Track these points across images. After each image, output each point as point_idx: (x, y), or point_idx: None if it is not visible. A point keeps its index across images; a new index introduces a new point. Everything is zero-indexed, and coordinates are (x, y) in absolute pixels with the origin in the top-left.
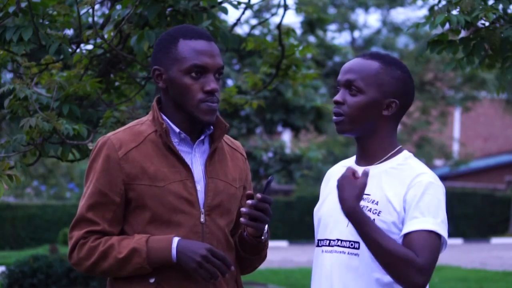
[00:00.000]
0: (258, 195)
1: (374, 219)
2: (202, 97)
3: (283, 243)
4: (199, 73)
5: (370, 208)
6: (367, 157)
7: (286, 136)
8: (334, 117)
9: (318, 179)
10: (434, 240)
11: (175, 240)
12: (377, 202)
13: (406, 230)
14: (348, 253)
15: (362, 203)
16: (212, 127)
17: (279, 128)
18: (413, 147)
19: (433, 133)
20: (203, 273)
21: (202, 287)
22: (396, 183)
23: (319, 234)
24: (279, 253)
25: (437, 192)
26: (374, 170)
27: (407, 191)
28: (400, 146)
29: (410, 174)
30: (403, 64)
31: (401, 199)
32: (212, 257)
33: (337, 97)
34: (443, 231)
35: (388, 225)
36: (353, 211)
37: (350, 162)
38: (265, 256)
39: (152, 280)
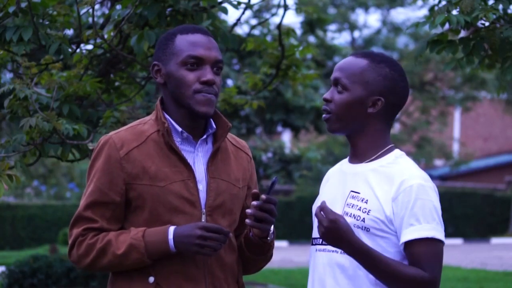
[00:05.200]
0: (263, 196)
1: (364, 218)
2: (198, 87)
3: (283, 243)
4: (195, 64)
5: (360, 207)
6: (358, 155)
7: (286, 136)
8: (323, 115)
9: (318, 179)
10: (436, 247)
11: (171, 230)
12: (367, 200)
13: (405, 238)
14: (341, 252)
15: (351, 201)
16: (214, 126)
17: (279, 128)
18: (413, 147)
19: (433, 133)
20: (206, 252)
21: (201, 286)
22: (385, 182)
23: (313, 233)
24: (279, 253)
25: (429, 195)
26: (363, 168)
27: (397, 195)
28: (392, 145)
29: (399, 175)
30: (394, 62)
31: (390, 200)
32: (208, 232)
33: (326, 95)
34: (440, 234)
35: (377, 223)
36: (356, 247)
37: (344, 160)
38: (271, 256)
39: (151, 280)
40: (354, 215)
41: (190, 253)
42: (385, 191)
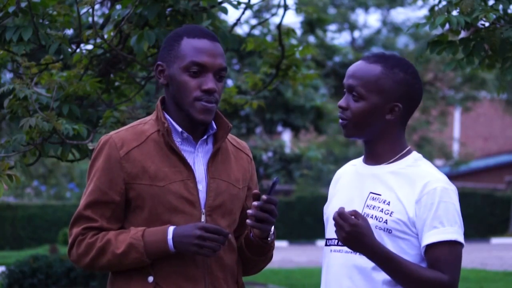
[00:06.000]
0: (264, 197)
1: (386, 220)
2: (198, 95)
3: (283, 243)
4: (198, 71)
5: (382, 209)
6: (375, 157)
7: (286, 136)
8: (340, 121)
9: (318, 178)
10: (457, 250)
11: (170, 230)
12: (389, 202)
13: (428, 241)
14: (359, 253)
15: (372, 202)
16: (215, 127)
17: (279, 128)
18: (413, 147)
19: (433, 133)
20: (205, 252)
21: (200, 286)
22: (407, 185)
23: (327, 233)
24: (279, 253)
25: (452, 198)
26: (382, 170)
27: (420, 197)
28: (409, 147)
29: (421, 177)
30: (408, 64)
31: (413, 202)
32: (207, 233)
33: (341, 102)
34: (461, 237)
35: (400, 225)
36: (377, 251)
37: (358, 161)
38: (271, 257)
39: (150, 280)
40: (375, 216)
41: (189, 253)
42: (408, 193)
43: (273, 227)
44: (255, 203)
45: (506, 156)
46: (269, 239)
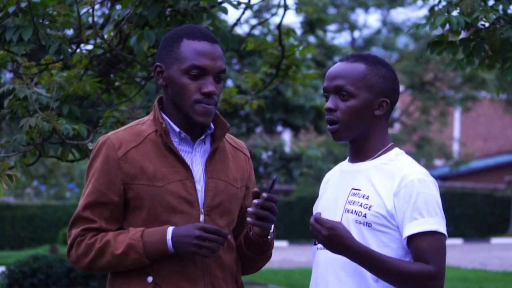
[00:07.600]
0: (264, 194)
1: (365, 214)
2: (198, 97)
3: (283, 243)
4: (198, 74)
5: (361, 203)
6: (359, 155)
7: (286, 136)
8: (329, 126)
9: (318, 178)
10: (439, 240)
11: (169, 231)
12: (368, 196)
13: (408, 232)
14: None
15: (352, 198)
16: (213, 126)
17: (279, 128)
18: (413, 147)
19: (433, 133)
20: (204, 253)
21: (200, 286)
22: (386, 177)
23: None
24: (279, 253)
25: (430, 189)
26: (364, 166)
27: (398, 189)
28: (392, 143)
29: (400, 170)
30: (385, 61)
31: (391, 195)
32: (206, 233)
33: (329, 104)
34: (443, 228)
35: (379, 218)
36: (358, 251)
37: (345, 161)
38: (270, 255)
39: (150, 280)
40: (355, 211)
41: (188, 254)
42: (386, 187)
43: (273, 226)
44: (255, 201)
45: (506, 156)
46: (269, 237)
